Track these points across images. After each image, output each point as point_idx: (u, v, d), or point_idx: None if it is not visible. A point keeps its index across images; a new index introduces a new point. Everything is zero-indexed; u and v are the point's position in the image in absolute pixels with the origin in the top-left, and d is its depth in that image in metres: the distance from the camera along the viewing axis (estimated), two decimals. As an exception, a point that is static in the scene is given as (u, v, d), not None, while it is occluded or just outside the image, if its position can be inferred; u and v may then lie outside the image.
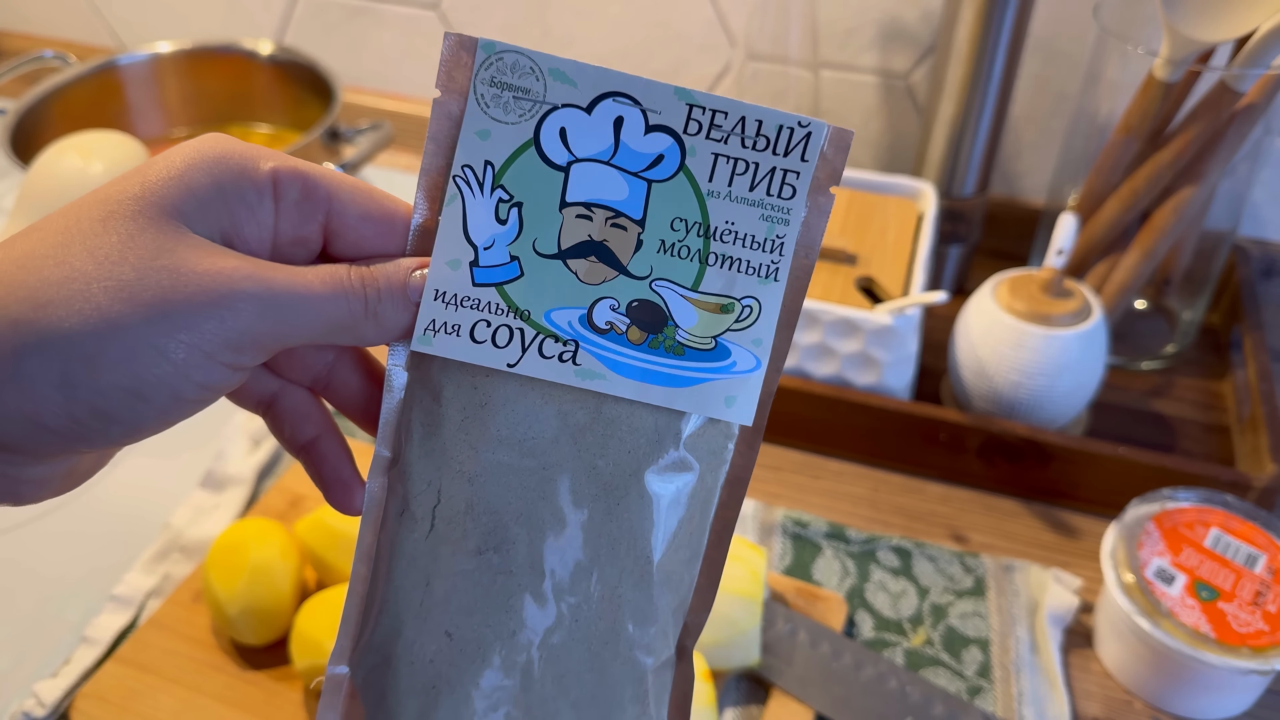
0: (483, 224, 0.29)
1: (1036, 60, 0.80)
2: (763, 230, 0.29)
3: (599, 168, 0.29)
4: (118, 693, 0.53)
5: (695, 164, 0.29)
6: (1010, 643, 0.56)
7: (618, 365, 0.29)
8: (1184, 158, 0.66)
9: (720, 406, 0.29)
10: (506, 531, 0.28)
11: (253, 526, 0.55)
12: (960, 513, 0.64)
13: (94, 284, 0.23)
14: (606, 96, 0.28)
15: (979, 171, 0.77)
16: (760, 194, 0.29)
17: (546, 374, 0.28)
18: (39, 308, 0.23)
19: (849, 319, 0.65)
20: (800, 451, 0.69)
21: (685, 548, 0.29)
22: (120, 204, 0.25)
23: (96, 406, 0.24)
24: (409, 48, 1.01)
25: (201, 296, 0.24)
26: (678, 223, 0.29)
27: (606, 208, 0.29)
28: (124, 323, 0.23)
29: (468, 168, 0.29)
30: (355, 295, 0.27)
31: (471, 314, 0.28)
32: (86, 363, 0.23)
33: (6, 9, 1.15)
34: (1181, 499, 0.56)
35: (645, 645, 0.29)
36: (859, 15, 0.83)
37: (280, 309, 0.25)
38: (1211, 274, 0.74)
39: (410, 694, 0.28)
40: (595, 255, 0.29)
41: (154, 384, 0.24)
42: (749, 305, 0.29)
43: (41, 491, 0.26)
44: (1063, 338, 0.62)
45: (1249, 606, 0.51)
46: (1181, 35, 0.62)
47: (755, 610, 0.52)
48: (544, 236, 0.29)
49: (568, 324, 0.28)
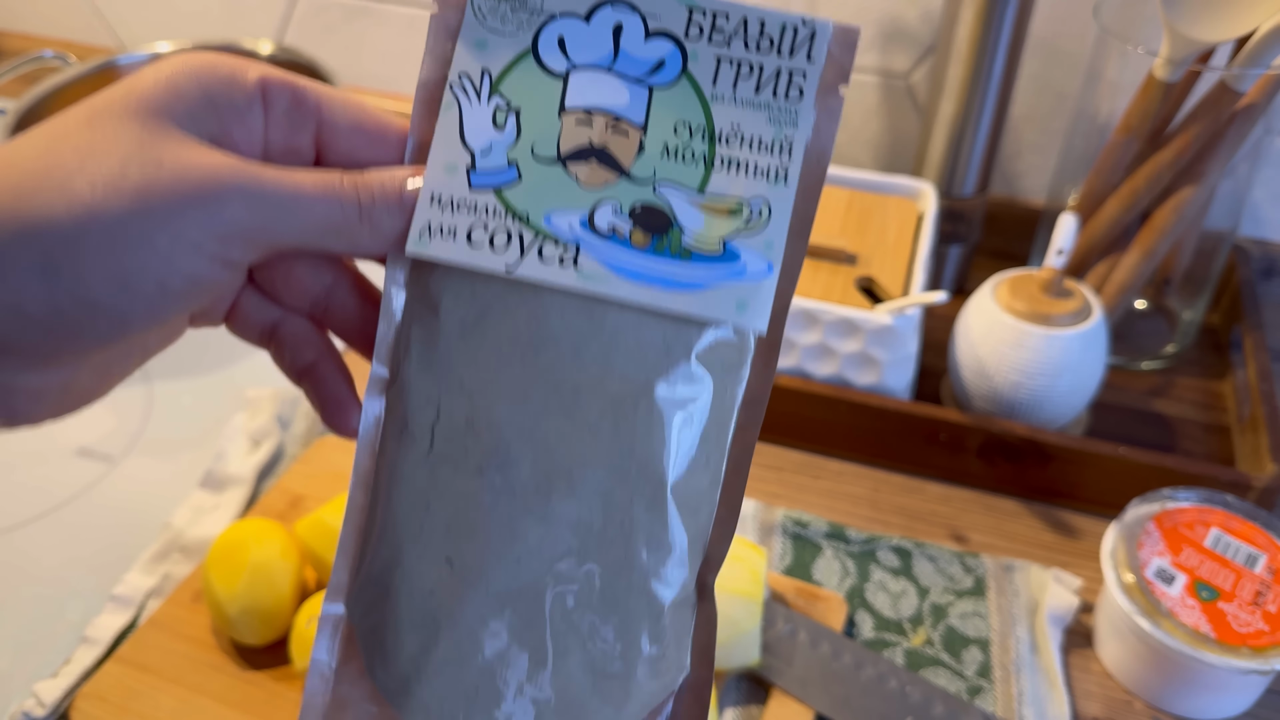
0: (480, 129, 0.28)
1: (1036, 60, 0.80)
2: (770, 133, 0.28)
3: (599, 74, 0.28)
4: (118, 693, 0.53)
5: (698, 68, 0.28)
6: (1010, 643, 0.56)
7: (621, 268, 0.27)
8: (1184, 158, 0.66)
9: (731, 311, 0.27)
10: (509, 450, 0.27)
11: (253, 526, 0.55)
12: (960, 513, 0.64)
13: (76, 175, 0.23)
14: (605, 4, 0.28)
15: (979, 171, 0.77)
16: (766, 96, 0.28)
17: (546, 276, 0.27)
18: (20, 197, 0.23)
19: (849, 319, 0.65)
20: (800, 451, 0.69)
21: (702, 471, 0.28)
22: (107, 107, 0.25)
23: (79, 295, 0.23)
24: (409, 48, 1.01)
25: (187, 186, 0.24)
26: (681, 127, 0.28)
27: (607, 113, 0.28)
28: (106, 210, 0.23)
29: (465, 75, 0.28)
30: (348, 198, 0.26)
31: (468, 217, 0.27)
32: (68, 248, 0.23)
33: (6, 9, 1.15)
34: (1181, 499, 0.56)
35: (662, 575, 0.27)
36: (859, 15, 0.83)
37: (269, 204, 0.25)
38: (1211, 274, 0.74)
39: (409, 629, 0.27)
40: (596, 159, 0.28)
41: (138, 271, 0.24)
42: (758, 208, 0.28)
43: (37, 406, 0.25)
44: (1063, 338, 0.62)
45: (1249, 606, 0.51)
46: (1181, 35, 0.62)
47: (755, 610, 0.52)
48: (543, 141, 0.28)
49: (568, 226, 0.27)
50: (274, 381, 0.74)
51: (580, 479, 0.27)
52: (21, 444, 0.69)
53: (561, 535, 0.27)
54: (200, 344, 0.77)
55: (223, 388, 0.74)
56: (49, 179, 0.23)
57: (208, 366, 0.76)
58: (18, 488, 0.66)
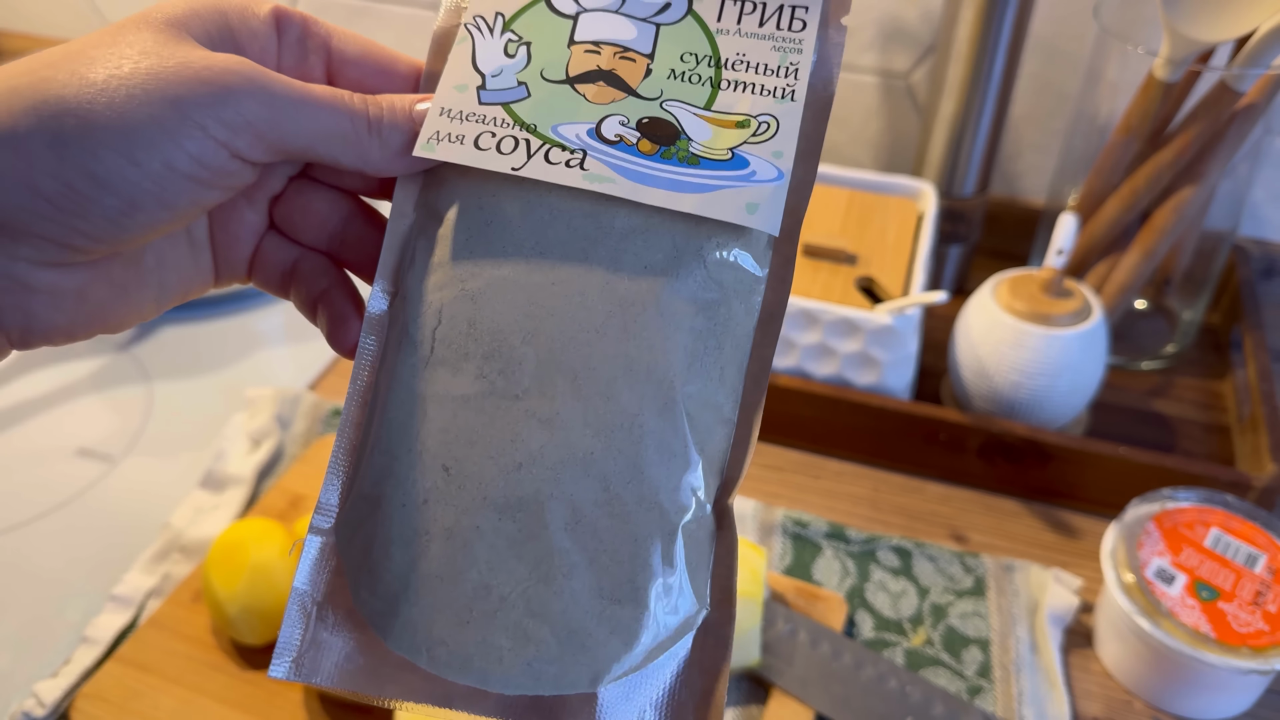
0: (491, 57, 0.29)
1: (1036, 60, 0.80)
2: (776, 59, 0.29)
3: (607, 15, 0.29)
4: (118, 693, 0.53)
5: (703, 7, 0.29)
6: (1010, 643, 0.56)
7: (627, 171, 0.27)
8: (1184, 158, 0.66)
9: (741, 213, 0.26)
10: (512, 351, 0.26)
11: (253, 526, 0.55)
12: (960, 513, 0.64)
13: (94, 63, 0.24)
14: None
15: (979, 171, 0.77)
16: (770, 28, 0.29)
17: (552, 177, 0.27)
18: (39, 80, 0.24)
19: (849, 319, 0.65)
20: (800, 451, 0.69)
21: (716, 383, 0.27)
22: (130, 21, 0.26)
23: (87, 168, 0.24)
24: (409, 48, 1.00)
25: (199, 74, 0.25)
26: (687, 55, 0.29)
27: (615, 44, 0.29)
28: (116, 88, 0.24)
29: (479, 17, 0.29)
30: (358, 111, 0.27)
31: (476, 126, 0.28)
32: (78, 122, 0.23)
33: (6, 9, 1.15)
34: (1181, 499, 0.56)
35: (675, 489, 0.26)
36: (859, 15, 0.83)
37: (279, 102, 0.26)
38: (1211, 274, 0.74)
39: (400, 543, 0.25)
40: (604, 80, 0.29)
41: (145, 147, 0.24)
42: (766, 121, 0.28)
43: (54, 312, 0.26)
44: (1063, 338, 0.62)
45: (1249, 606, 0.51)
46: (1181, 35, 0.62)
47: (755, 610, 0.52)
48: (552, 66, 0.29)
49: (575, 136, 0.27)
50: (274, 381, 0.74)
51: (586, 381, 0.26)
52: (21, 444, 0.69)
53: (565, 440, 0.25)
54: (200, 344, 0.77)
55: (223, 388, 0.74)
56: (65, 65, 0.24)
57: (208, 366, 0.76)
58: (18, 488, 0.66)
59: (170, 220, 0.25)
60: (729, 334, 0.27)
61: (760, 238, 0.27)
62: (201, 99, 0.24)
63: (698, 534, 0.26)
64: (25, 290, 0.25)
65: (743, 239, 0.27)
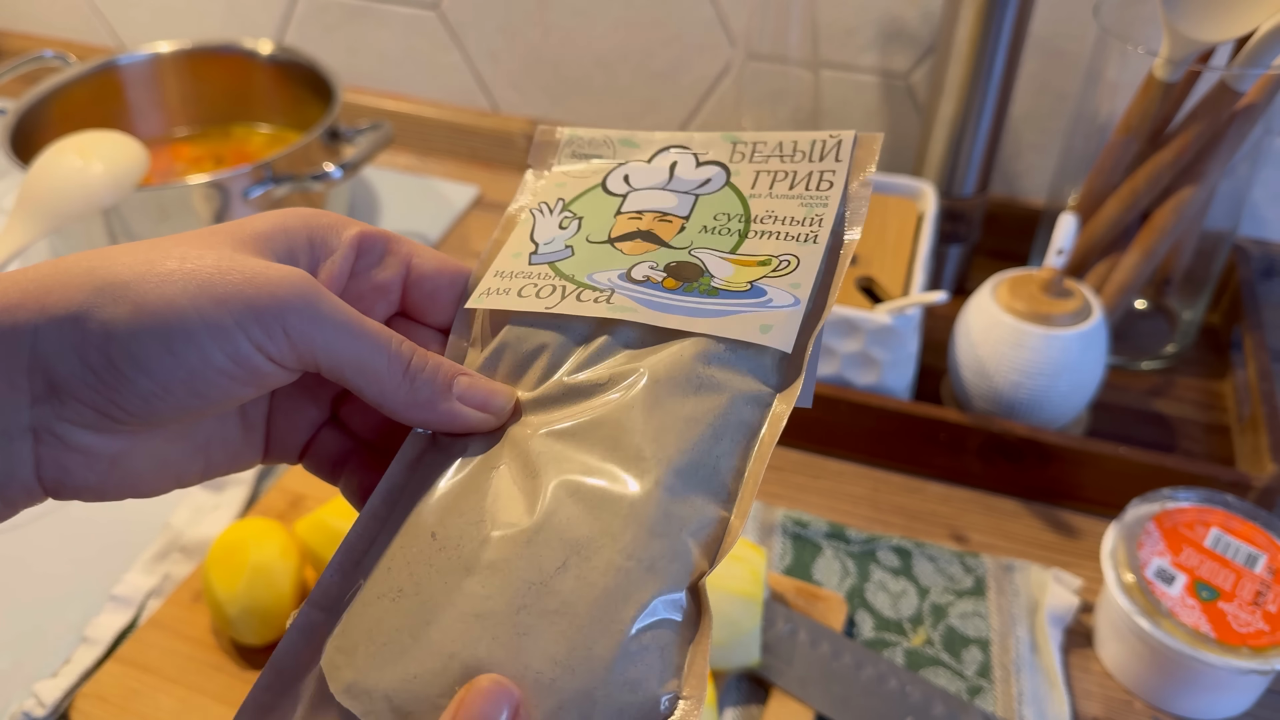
0: (547, 230, 0.33)
1: (1036, 60, 0.80)
2: (803, 213, 0.31)
3: (654, 191, 0.33)
4: (118, 693, 0.53)
5: (739, 180, 0.32)
6: (1010, 643, 0.56)
7: (649, 303, 0.29)
8: (1184, 158, 0.66)
9: (755, 332, 0.28)
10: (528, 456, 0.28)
11: (253, 526, 0.55)
12: (960, 513, 0.64)
13: (168, 260, 0.26)
14: (665, 149, 0.34)
15: (979, 171, 0.77)
16: (800, 190, 0.31)
17: (580, 311, 0.30)
18: (115, 266, 0.26)
19: (849, 319, 0.65)
20: (800, 451, 0.69)
21: (709, 476, 0.27)
22: (217, 229, 0.28)
23: (130, 350, 0.25)
24: (409, 48, 1.01)
25: (250, 280, 0.26)
26: (720, 215, 0.31)
27: (656, 211, 0.32)
28: (175, 282, 0.26)
29: (543, 203, 0.34)
30: (399, 353, 0.28)
31: (522, 280, 0.31)
32: (131, 306, 0.25)
33: (6, 9, 1.15)
34: (1181, 499, 0.56)
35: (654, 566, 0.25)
36: (859, 15, 0.83)
37: (324, 321, 0.27)
38: (1211, 274, 0.74)
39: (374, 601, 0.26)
40: (641, 238, 0.31)
41: (183, 339, 0.25)
42: (787, 259, 0.30)
43: (88, 472, 0.27)
44: (1063, 338, 0.62)
45: (1249, 606, 0.51)
46: (1181, 35, 0.62)
47: (755, 610, 0.52)
48: (597, 231, 0.32)
49: (607, 280, 0.30)
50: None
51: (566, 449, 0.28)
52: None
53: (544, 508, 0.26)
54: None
55: (223, 388, 0.74)
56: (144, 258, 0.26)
57: (208, 366, 0.75)
58: (18, 488, 0.66)
59: (202, 408, 0.27)
60: (730, 435, 0.28)
61: (773, 354, 0.29)
62: (247, 302, 0.26)
63: (671, 610, 0.26)
64: (64, 447, 0.26)
65: (754, 352, 0.29)
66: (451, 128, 1.01)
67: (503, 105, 1.01)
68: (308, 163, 0.80)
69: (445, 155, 1.03)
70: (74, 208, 0.73)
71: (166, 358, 0.25)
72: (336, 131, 0.86)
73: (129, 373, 0.25)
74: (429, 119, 1.02)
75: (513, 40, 0.96)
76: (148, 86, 0.94)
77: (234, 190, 0.77)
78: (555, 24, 0.94)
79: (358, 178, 0.97)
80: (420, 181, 0.98)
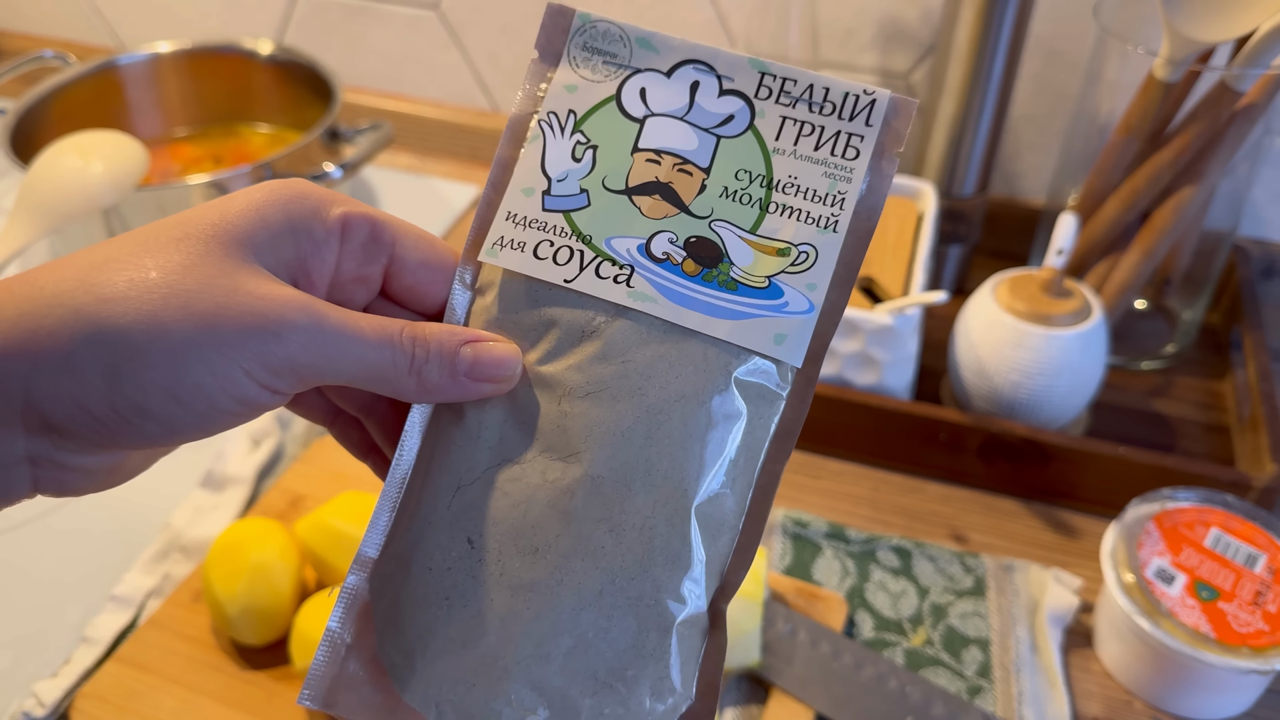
0: (559, 160, 0.31)
1: (1036, 60, 0.80)
2: (825, 185, 0.30)
3: (673, 122, 0.31)
4: (118, 693, 0.53)
5: (764, 124, 0.30)
6: (1010, 643, 0.56)
7: (670, 292, 0.29)
8: (1184, 158, 0.66)
9: (769, 343, 0.29)
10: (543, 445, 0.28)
11: (253, 526, 0.55)
12: (960, 513, 0.64)
13: (155, 290, 0.25)
14: (686, 63, 0.31)
15: (979, 171, 0.77)
16: (825, 153, 0.30)
17: (600, 291, 0.29)
18: (101, 302, 0.25)
19: (849, 319, 0.65)
20: (800, 451, 0.69)
21: (728, 496, 0.28)
22: (197, 228, 0.27)
23: (136, 401, 0.25)
24: (409, 48, 1.01)
25: (251, 317, 0.26)
26: (742, 173, 0.30)
27: (675, 155, 0.30)
28: (174, 327, 0.25)
29: (553, 113, 0.31)
30: (403, 350, 0.28)
31: (537, 234, 0.30)
32: (134, 358, 0.25)
33: (6, 9, 1.15)
34: (1181, 499, 0.56)
35: (674, 591, 0.28)
36: (859, 15, 0.83)
37: (325, 344, 0.27)
38: (1211, 274, 0.74)
39: (422, 604, 0.28)
40: (660, 194, 0.30)
41: (191, 388, 0.25)
42: (805, 251, 0.29)
43: (87, 482, 0.27)
44: (1063, 338, 0.62)
45: (1249, 606, 0.51)
46: (1181, 35, 0.62)
47: (755, 610, 0.52)
48: (614, 174, 0.30)
49: (626, 251, 0.30)
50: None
51: (607, 480, 0.28)
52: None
53: (580, 533, 0.27)
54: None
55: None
56: (130, 289, 0.25)
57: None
58: (18, 488, 0.66)
59: (205, 435, 0.27)
60: (745, 448, 0.29)
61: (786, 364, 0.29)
62: (253, 345, 0.26)
63: (691, 632, 0.28)
64: (63, 469, 0.26)
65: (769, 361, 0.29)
66: (451, 128, 1.01)
67: (503, 105, 1.01)
68: (308, 163, 0.80)
69: (445, 155, 1.03)
70: (74, 208, 0.73)
71: (174, 406, 0.25)
72: (336, 131, 0.86)
73: (134, 420, 0.25)
74: (429, 119, 1.02)
75: (513, 40, 0.96)
76: (147, 86, 0.94)
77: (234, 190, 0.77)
78: (555, 24, 0.94)
79: (358, 178, 0.97)
80: (420, 181, 0.98)
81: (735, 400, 0.28)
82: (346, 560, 0.54)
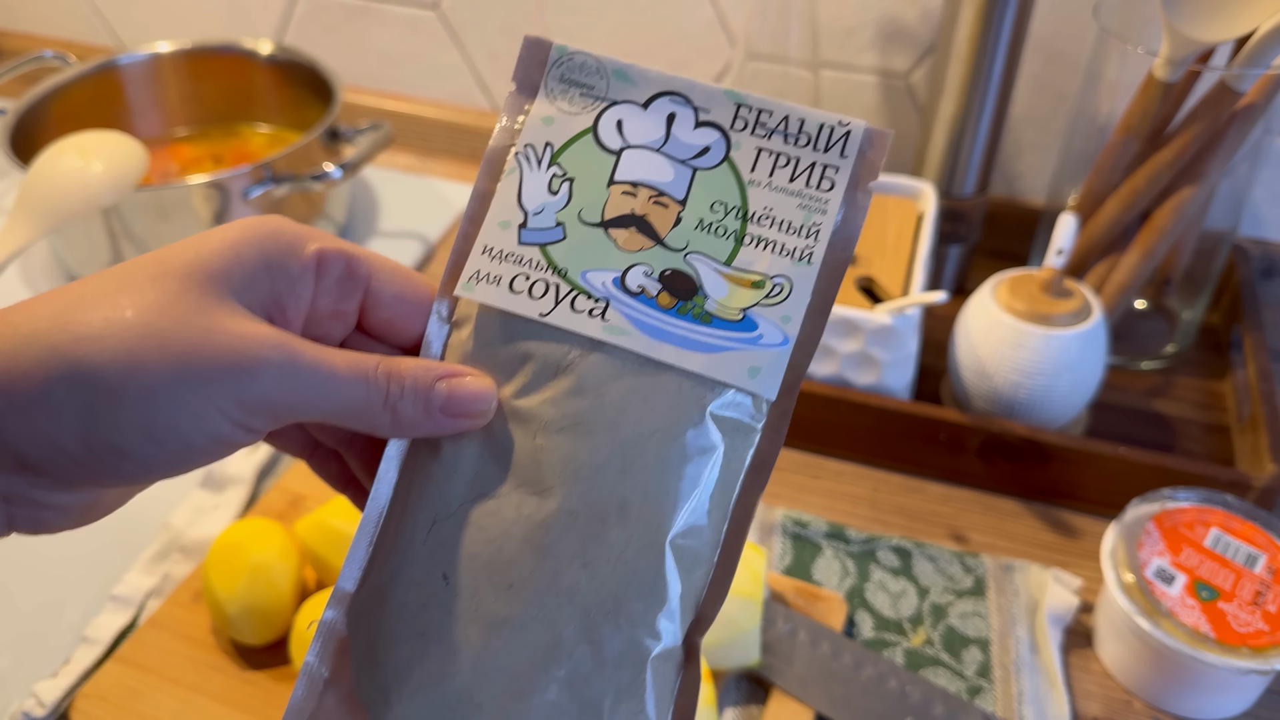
0: (536, 193, 0.31)
1: (1036, 60, 0.80)
2: (800, 217, 0.30)
3: (649, 154, 0.31)
4: (118, 693, 0.53)
5: (739, 156, 0.30)
6: (1010, 643, 0.56)
7: (644, 325, 0.29)
8: (1184, 158, 0.66)
9: (743, 376, 0.29)
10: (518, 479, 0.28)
11: (253, 526, 0.55)
12: (960, 513, 0.64)
13: (131, 329, 0.25)
14: (662, 95, 0.31)
15: (979, 171, 0.77)
16: (800, 185, 0.30)
17: (575, 325, 0.29)
18: (77, 341, 0.25)
19: (849, 319, 0.65)
20: (800, 451, 0.69)
21: (704, 529, 0.28)
22: (173, 266, 0.27)
23: (111, 440, 0.25)
24: (409, 48, 1.01)
25: (226, 355, 0.26)
26: (717, 205, 0.30)
27: (651, 187, 0.30)
28: (149, 367, 0.25)
29: (530, 146, 0.31)
30: (377, 386, 0.28)
31: (513, 267, 0.30)
32: (108, 396, 0.25)
33: (6, 9, 1.15)
34: (1181, 499, 0.56)
35: (649, 626, 0.28)
36: (859, 15, 0.83)
37: (300, 383, 0.27)
38: (1211, 274, 0.74)
39: (398, 640, 0.28)
40: (635, 227, 0.30)
41: (166, 428, 0.25)
42: (780, 283, 0.29)
43: (63, 519, 0.27)
44: (1063, 338, 0.62)
45: (1249, 606, 0.51)
46: (1181, 35, 0.62)
47: (755, 610, 0.52)
48: (590, 207, 0.30)
49: (601, 284, 0.30)
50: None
51: (581, 514, 0.28)
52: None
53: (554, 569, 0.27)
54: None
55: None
56: (105, 328, 0.25)
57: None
58: (18, 488, 0.66)
59: (179, 474, 0.27)
60: (720, 481, 0.29)
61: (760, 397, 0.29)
62: (228, 385, 0.26)
63: (666, 667, 0.28)
64: (39, 507, 0.26)
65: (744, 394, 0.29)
66: (451, 128, 1.01)
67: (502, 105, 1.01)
68: (307, 163, 0.80)
69: (445, 155, 1.03)
70: (74, 208, 0.73)
71: (149, 445, 0.25)
72: (336, 131, 0.86)
73: (109, 459, 0.25)
74: (429, 119, 1.02)
75: (513, 40, 0.96)
76: (147, 86, 0.94)
77: (234, 190, 0.77)
78: (555, 24, 0.94)
79: (357, 178, 0.97)
80: (420, 181, 0.98)
81: (710, 433, 0.28)
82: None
